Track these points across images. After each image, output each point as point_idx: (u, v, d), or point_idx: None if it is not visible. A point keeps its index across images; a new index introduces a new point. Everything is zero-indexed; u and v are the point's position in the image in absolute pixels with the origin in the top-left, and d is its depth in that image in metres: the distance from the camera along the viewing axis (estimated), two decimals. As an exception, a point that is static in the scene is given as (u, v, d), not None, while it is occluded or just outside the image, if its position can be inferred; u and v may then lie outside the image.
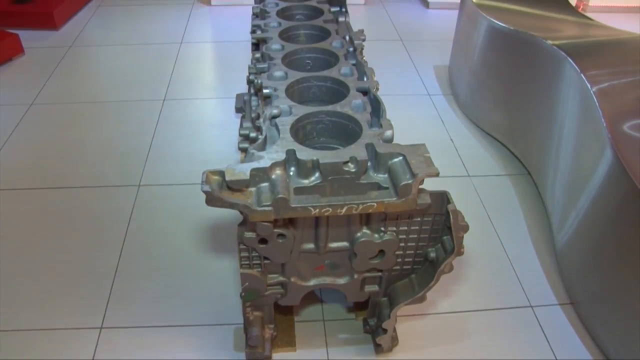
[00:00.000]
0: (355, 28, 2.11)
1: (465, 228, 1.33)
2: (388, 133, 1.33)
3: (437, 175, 1.20)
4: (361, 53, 1.73)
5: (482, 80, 2.65)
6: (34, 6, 3.68)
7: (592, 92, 1.84)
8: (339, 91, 1.52)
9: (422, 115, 2.82)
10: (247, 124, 1.79)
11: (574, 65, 1.99)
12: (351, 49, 1.71)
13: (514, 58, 2.41)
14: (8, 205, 2.19)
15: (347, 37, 1.78)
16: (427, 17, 4.03)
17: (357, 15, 3.93)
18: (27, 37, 3.47)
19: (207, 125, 2.69)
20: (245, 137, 1.71)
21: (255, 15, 2.03)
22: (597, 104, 1.78)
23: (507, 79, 2.47)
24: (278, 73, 1.56)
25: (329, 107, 1.41)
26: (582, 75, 1.93)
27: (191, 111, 2.80)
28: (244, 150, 1.74)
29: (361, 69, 1.59)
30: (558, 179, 2.04)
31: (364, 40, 1.78)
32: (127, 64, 3.26)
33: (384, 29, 3.78)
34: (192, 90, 3.00)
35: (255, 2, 2.15)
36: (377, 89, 1.51)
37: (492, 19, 2.47)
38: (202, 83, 3.09)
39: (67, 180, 2.31)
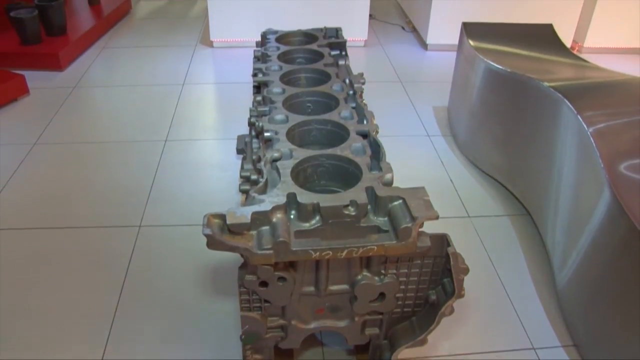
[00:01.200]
0: (355, 69, 2.14)
1: (466, 270, 1.33)
2: (388, 176, 1.35)
3: (437, 218, 1.21)
4: (361, 96, 1.76)
5: (481, 121, 2.68)
6: (41, 47, 3.75)
7: (588, 133, 1.86)
8: (339, 134, 1.54)
9: (421, 156, 2.84)
10: (248, 166, 1.81)
11: (571, 106, 2.01)
12: (351, 92, 1.74)
13: (512, 99, 2.44)
14: (8, 245, 2.19)
15: (347, 81, 1.81)
16: (426, 58, 4.09)
17: (357, 57, 3.99)
18: (33, 77, 3.52)
19: (208, 166, 2.71)
20: (246, 179, 1.73)
21: (257, 59, 2.07)
22: (594, 144, 1.80)
23: (506, 120, 2.50)
24: (279, 116, 1.59)
25: (329, 151, 1.43)
26: (578, 116, 1.95)
27: (193, 152, 2.83)
28: (245, 192, 1.76)
29: (361, 112, 1.62)
30: (558, 219, 2.05)
31: (363, 83, 1.81)
32: (130, 105, 3.30)
33: (383, 71, 3.84)
34: (194, 131, 3.03)
35: (257, 46, 2.19)
36: (377, 132, 1.53)
37: (489, 61, 2.51)
38: (203, 124, 3.13)
39: (68, 221, 2.32)
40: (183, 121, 3.12)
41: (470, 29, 2.86)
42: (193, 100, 3.37)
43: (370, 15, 4.16)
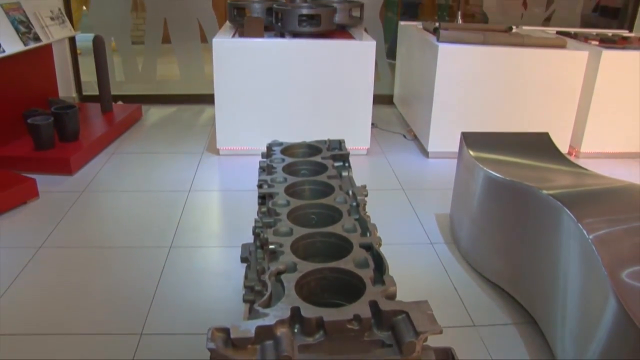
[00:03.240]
0: (357, 178, 2.20)
1: (472, 387, 1.31)
2: (391, 290, 1.36)
3: (441, 332, 1.21)
4: (364, 208, 1.80)
5: (483, 228, 2.71)
6: (53, 152, 3.87)
7: (590, 240, 1.88)
8: (342, 247, 1.57)
9: (425, 264, 2.84)
10: (252, 275, 1.82)
11: (570, 214, 2.05)
12: (354, 204, 1.78)
13: (512, 207, 2.48)
14: (8, 351, 2.15)
15: (350, 192, 1.86)
16: (428, 166, 4.19)
17: (360, 165, 4.08)
18: (44, 181, 3.60)
19: (212, 274, 2.71)
20: (250, 289, 1.74)
21: (262, 170, 2.13)
22: (596, 252, 1.82)
23: (507, 227, 2.53)
24: (283, 229, 1.62)
25: (333, 264, 1.45)
26: (579, 224, 1.98)
27: (197, 259, 2.84)
28: (248, 302, 1.76)
29: (364, 224, 1.65)
30: (566, 328, 2.02)
31: (366, 195, 1.86)
32: (136, 210, 3.36)
33: (386, 178, 3.92)
34: (199, 238, 3.06)
35: (262, 157, 2.26)
36: (380, 244, 1.55)
37: (488, 170, 2.57)
38: (208, 231, 3.16)
39: (69, 327, 2.30)
40: (188, 228, 3.16)
41: (469, 138, 2.96)
42: (198, 207, 3.42)
43: (373, 124, 4.30)
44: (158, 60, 5.76)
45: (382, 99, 5.49)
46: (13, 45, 3.88)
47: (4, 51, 3.76)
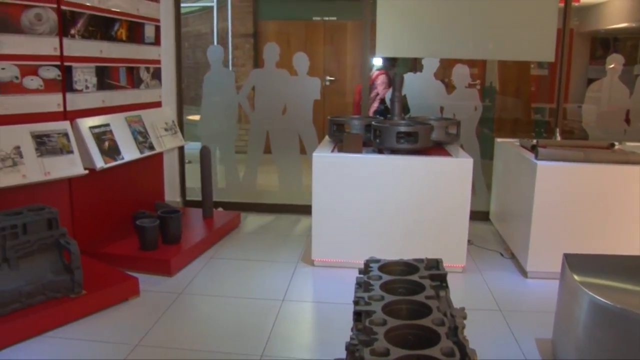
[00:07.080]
0: (453, 296, 2.14)
1: None
2: None
3: None
4: (462, 332, 1.75)
5: (590, 358, 2.52)
6: (156, 253, 4.08)
7: None
8: (441, 373, 1.52)
9: (526, 394, 2.67)
10: (345, 394, 1.78)
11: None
12: (452, 326, 1.74)
13: (623, 337, 2.31)
14: None
15: (449, 314, 1.82)
16: (526, 286, 4.00)
17: (455, 283, 3.93)
18: (144, 280, 3.75)
19: (303, 388, 2.67)
20: (342, 410, 1.70)
21: (359, 286, 2.14)
22: None
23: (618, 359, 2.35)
24: (380, 349, 1.60)
25: (431, 390, 1.41)
26: None
27: (287, 372, 2.81)
28: (340, 423, 1.71)
29: (463, 349, 1.60)
30: None
31: (465, 318, 1.81)
32: (229, 316, 3.41)
33: (482, 298, 3.78)
34: (290, 350, 3.04)
35: (360, 272, 2.27)
36: (480, 372, 1.49)
37: (595, 295, 2.43)
38: (300, 343, 3.14)
39: None
40: (280, 338, 3.15)
41: (572, 260, 2.84)
42: (291, 317, 3.43)
43: (469, 241, 4.22)
44: (258, 169, 6.03)
45: (478, 215, 5.39)
46: (131, 153, 4.27)
47: (123, 158, 4.13)
